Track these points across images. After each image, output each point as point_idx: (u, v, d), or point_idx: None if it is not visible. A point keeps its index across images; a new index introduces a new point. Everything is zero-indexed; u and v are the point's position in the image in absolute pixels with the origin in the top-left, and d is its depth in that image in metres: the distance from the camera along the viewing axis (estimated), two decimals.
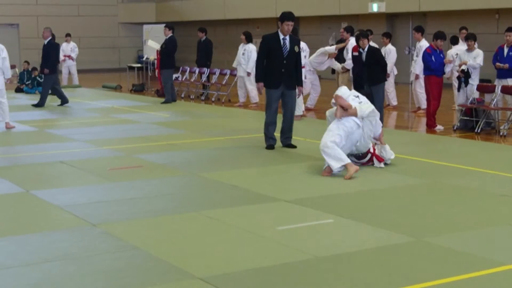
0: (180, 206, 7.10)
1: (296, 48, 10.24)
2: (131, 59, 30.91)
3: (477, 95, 12.95)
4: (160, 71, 17.61)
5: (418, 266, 5.23)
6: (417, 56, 14.55)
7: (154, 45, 19.96)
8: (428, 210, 6.88)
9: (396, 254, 5.53)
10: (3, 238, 6.02)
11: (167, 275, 5.07)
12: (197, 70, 19.38)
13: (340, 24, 22.85)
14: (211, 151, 10.36)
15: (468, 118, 12.55)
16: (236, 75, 17.19)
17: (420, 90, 14.72)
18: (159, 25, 24.39)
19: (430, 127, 12.63)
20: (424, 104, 14.26)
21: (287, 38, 10.17)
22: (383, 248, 5.65)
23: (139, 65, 23.92)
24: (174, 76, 18.20)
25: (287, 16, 10.12)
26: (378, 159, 8.97)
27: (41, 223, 6.54)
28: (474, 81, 12.95)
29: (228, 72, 18.16)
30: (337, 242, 5.84)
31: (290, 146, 10.39)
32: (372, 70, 12.02)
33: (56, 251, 5.61)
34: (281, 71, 10.16)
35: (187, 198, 7.54)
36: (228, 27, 28.75)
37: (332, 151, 8.30)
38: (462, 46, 14.15)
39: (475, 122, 12.33)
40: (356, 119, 8.64)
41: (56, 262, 5.36)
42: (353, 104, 8.72)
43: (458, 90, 13.14)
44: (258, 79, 10.29)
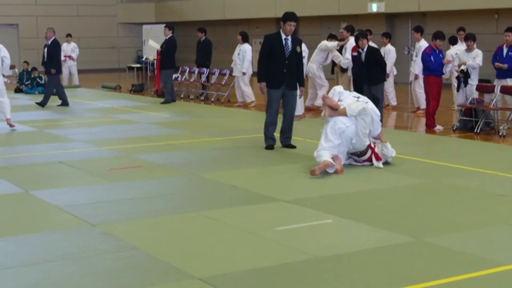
0: (179, 206, 7.10)
1: (298, 49, 10.24)
2: (130, 59, 30.91)
3: (476, 95, 12.95)
4: (160, 71, 17.61)
5: (418, 266, 5.23)
6: (416, 56, 14.55)
7: (155, 45, 19.97)
8: (427, 210, 6.88)
9: (396, 254, 5.53)
10: (3, 238, 6.02)
11: (166, 275, 5.07)
12: (196, 70, 19.38)
13: (340, 24, 22.86)
14: (211, 151, 10.36)
15: (467, 118, 12.55)
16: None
17: (419, 90, 14.73)
18: (159, 25, 24.40)
19: (430, 127, 12.63)
20: (423, 104, 14.26)
21: (289, 38, 10.17)
22: (382, 248, 5.65)
23: (139, 65, 23.93)
24: (174, 76, 18.20)
25: (289, 16, 10.12)
26: (376, 157, 8.97)
27: (40, 223, 6.54)
28: (473, 81, 12.95)
29: (228, 72, 18.16)
30: (336, 242, 5.84)
31: (289, 146, 10.39)
32: (372, 70, 12.01)
33: (55, 251, 5.61)
34: (282, 71, 10.16)
35: (186, 198, 7.54)
36: (228, 27, 28.75)
37: (319, 158, 8.57)
38: (461, 46, 14.15)
39: (475, 122, 12.33)
40: (345, 119, 8.66)
41: (56, 262, 5.36)
42: (344, 104, 8.77)
43: (458, 90, 13.13)
44: (261, 79, 10.29)
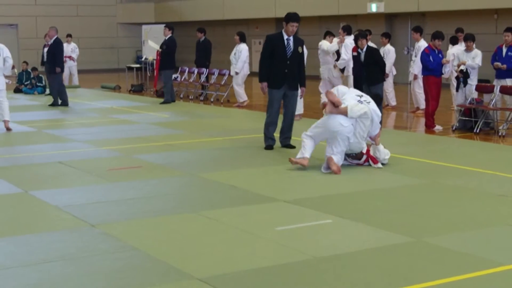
0: (179, 207, 7.10)
1: (299, 49, 10.25)
2: (130, 60, 30.91)
3: (475, 95, 12.94)
4: (161, 71, 17.61)
5: (417, 266, 5.23)
6: (415, 56, 14.56)
7: (154, 45, 19.97)
8: (427, 210, 6.89)
9: (395, 254, 5.53)
10: (2, 238, 6.01)
11: (166, 276, 5.07)
12: (196, 71, 19.39)
13: (339, 24, 22.82)
14: (210, 151, 10.36)
15: (467, 118, 12.55)
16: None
17: (418, 90, 14.73)
18: (158, 25, 24.39)
19: (429, 127, 12.63)
20: (422, 104, 14.27)
21: (291, 38, 10.17)
22: (382, 248, 5.65)
23: (138, 65, 23.92)
24: (173, 76, 18.20)
25: (292, 17, 10.11)
26: (373, 160, 8.96)
27: (40, 223, 6.54)
28: (472, 81, 12.95)
29: (227, 72, 18.16)
30: (336, 243, 5.84)
31: (288, 146, 10.38)
32: (371, 70, 12.01)
33: (55, 252, 5.61)
34: (284, 72, 10.16)
35: (186, 198, 7.54)
36: (227, 27, 28.76)
37: (303, 143, 8.87)
38: (461, 46, 14.15)
39: (474, 122, 12.33)
40: (342, 120, 8.65)
41: (55, 262, 5.36)
42: (347, 103, 8.76)
43: (457, 90, 13.13)
44: (262, 79, 10.28)
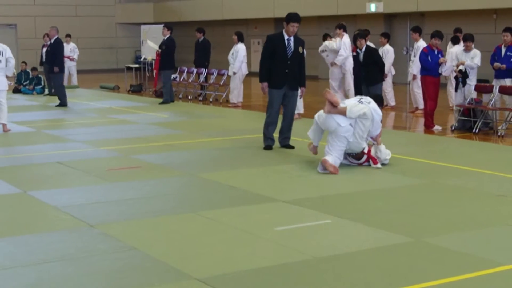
0: (178, 207, 7.10)
1: (300, 49, 10.24)
2: (128, 60, 30.90)
3: (475, 95, 12.95)
4: (160, 71, 17.60)
5: (416, 266, 5.23)
6: (414, 56, 14.56)
7: (153, 45, 19.95)
8: (426, 211, 6.88)
9: (394, 254, 5.52)
10: (1, 239, 6.01)
11: (165, 276, 5.06)
12: (195, 71, 19.38)
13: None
14: (209, 151, 10.35)
15: (466, 119, 12.55)
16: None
17: (417, 90, 14.73)
18: (157, 25, 24.38)
19: (428, 127, 12.63)
20: (422, 104, 14.26)
21: (292, 38, 10.16)
22: (381, 248, 5.65)
23: (137, 65, 23.92)
24: (172, 76, 18.20)
25: (293, 17, 10.11)
26: (373, 160, 8.96)
27: (39, 224, 6.54)
28: (471, 81, 12.95)
29: (226, 72, 18.16)
30: (335, 243, 5.84)
31: (288, 146, 10.38)
32: (370, 70, 12.02)
33: (54, 252, 5.61)
34: (284, 72, 10.16)
35: (185, 198, 7.53)
36: (226, 27, 28.75)
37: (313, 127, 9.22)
38: (462, 46, 14.15)
39: (473, 123, 12.33)
40: (340, 119, 8.67)
41: (55, 262, 5.35)
42: (346, 103, 8.79)
43: (456, 90, 13.13)
44: (262, 79, 10.28)
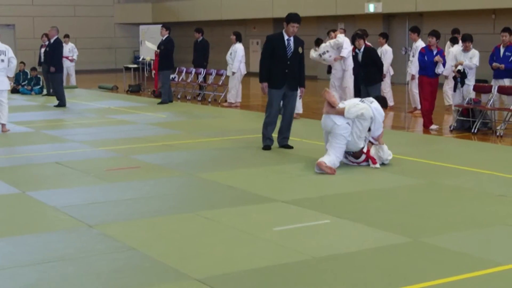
0: (177, 207, 7.09)
1: (300, 49, 10.24)
2: (127, 60, 30.89)
3: (473, 95, 12.95)
4: (159, 72, 17.59)
5: (415, 266, 5.23)
6: (413, 56, 14.56)
7: (151, 46, 19.96)
8: (425, 211, 6.89)
9: (393, 254, 5.52)
10: (0, 239, 6.00)
11: (164, 276, 5.06)
12: (193, 71, 19.37)
13: (337, 24, 22.87)
14: (208, 151, 10.35)
15: (464, 119, 12.55)
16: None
17: (416, 91, 14.72)
18: (155, 25, 24.38)
19: (425, 126, 12.64)
20: (420, 105, 14.25)
21: (291, 39, 10.16)
22: (380, 248, 5.65)
23: (135, 65, 23.91)
24: (171, 76, 18.19)
25: (293, 17, 10.10)
26: (372, 160, 8.96)
27: (37, 224, 6.53)
28: (470, 81, 12.95)
29: (225, 72, 18.15)
30: (334, 243, 5.84)
31: (286, 146, 10.37)
32: (368, 70, 12.01)
33: (53, 252, 5.60)
34: (284, 72, 10.16)
35: (184, 198, 7.53)
36: (225, 27, 28.73)
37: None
38: (460, 47, 14.14)
39: (472, 123, 12.34)
40: (337, 118, 8.73)
41: (53, 263, 5.35)
42: (346, 104, 8.82)
43: (454, 90, 13.14)
44: (262, 79, 10.28)
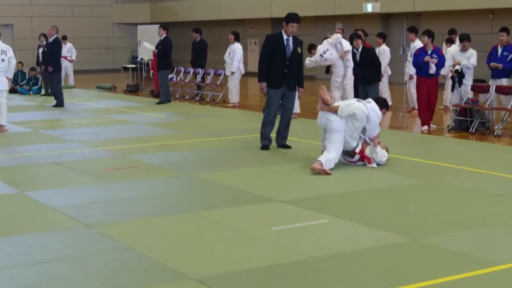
0: (175, 207, 7.10)
1: (299, 49, 10.25)
2: (125, 60, 30.88)
3: (471, 95, 12.96)
4: (158, 72, 17.58)
5: (414, 266, 5.23)
6: (411, 56, 14.56)
7: (150, 46, 19.95)
8: (423, 210, 6.89)
9: (392, 254, 5.53)
10: None
11: (162, 276, 5.06)
12: (191, 71, 19.37)
13: (335, 24, 22.88)
14: (206, 151, 10.35)
15: (462, 118, 12.56)
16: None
17: (414, 90, 14.70)
18: (154, 25, 24.37)
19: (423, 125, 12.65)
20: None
21: (290, 39, 10.16)
22: (379, 248, 5.65)
23: (134, 65, 23.90)
24: (169, 76, 18.19)
25: (292, 17, 10.10)
26: (367, 160, 8.98)
27: (36, 224, 6.53)
28: (468, 81, 12.97)
29: (223, 72, 18.16)
30: (332, 243, 5.84)
31: (284, 146, 10.38)
32: (367, 70, 12.01)
33: (51, 252, 5.60)
34: (283, 72, 10.16)
35: (182, 198, 7.53)
36: (223, 27, 28.73)
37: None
38: (457, 47, 14.15)
39: (470, 122, 12.35)
40: (330, 115, 8.79)
41: (52, 263, 5.35)
42: (340, 103, 8.87)
43: (452, 90, 13.16)
44: (261, 79, 10.28)
